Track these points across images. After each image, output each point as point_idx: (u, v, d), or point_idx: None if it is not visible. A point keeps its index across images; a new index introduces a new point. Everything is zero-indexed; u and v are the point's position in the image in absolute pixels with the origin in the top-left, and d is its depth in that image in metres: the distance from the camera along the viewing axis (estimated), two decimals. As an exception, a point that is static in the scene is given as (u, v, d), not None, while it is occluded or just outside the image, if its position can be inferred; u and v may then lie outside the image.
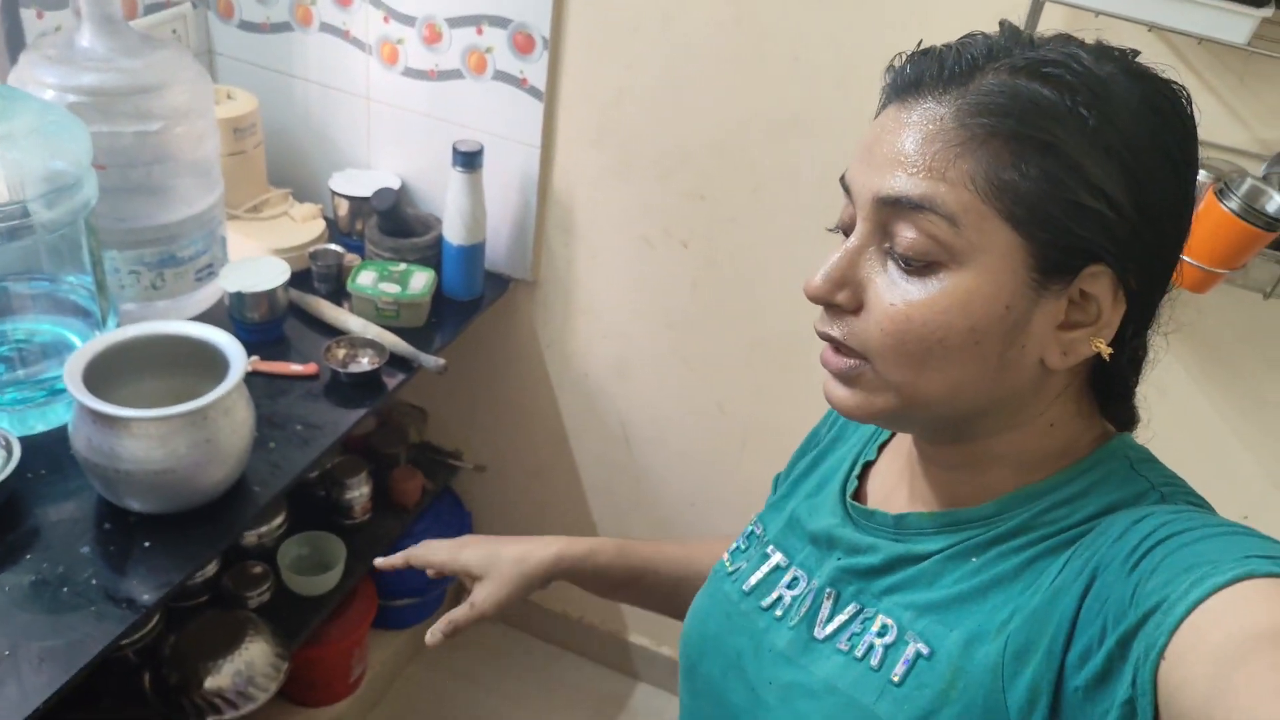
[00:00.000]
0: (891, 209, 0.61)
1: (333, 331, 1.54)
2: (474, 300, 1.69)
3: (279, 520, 1.70)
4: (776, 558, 0.79)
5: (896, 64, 0.64)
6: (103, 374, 1.18)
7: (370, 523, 1.81)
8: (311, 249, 1.61)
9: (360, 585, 1.83)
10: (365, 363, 1.48)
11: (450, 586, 2.10)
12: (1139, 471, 0.65)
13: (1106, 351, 0.61)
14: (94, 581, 1.11)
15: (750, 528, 0.86)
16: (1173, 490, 0.64)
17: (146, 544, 1.17)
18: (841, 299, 0.63)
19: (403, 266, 1.61)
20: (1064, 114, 0.57)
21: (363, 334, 1.52)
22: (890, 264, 0.62)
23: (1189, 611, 0.49)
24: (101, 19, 1.33)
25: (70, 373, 1.13)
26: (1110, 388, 0.67)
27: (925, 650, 0.65)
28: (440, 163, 1.61)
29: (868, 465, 0.80)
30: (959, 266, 0.59)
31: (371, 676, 1.95)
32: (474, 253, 1.64)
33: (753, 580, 0.79)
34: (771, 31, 1.38)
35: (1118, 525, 0.59)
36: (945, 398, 0.62)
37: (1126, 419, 0.69)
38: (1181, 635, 0.49)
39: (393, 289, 1.56)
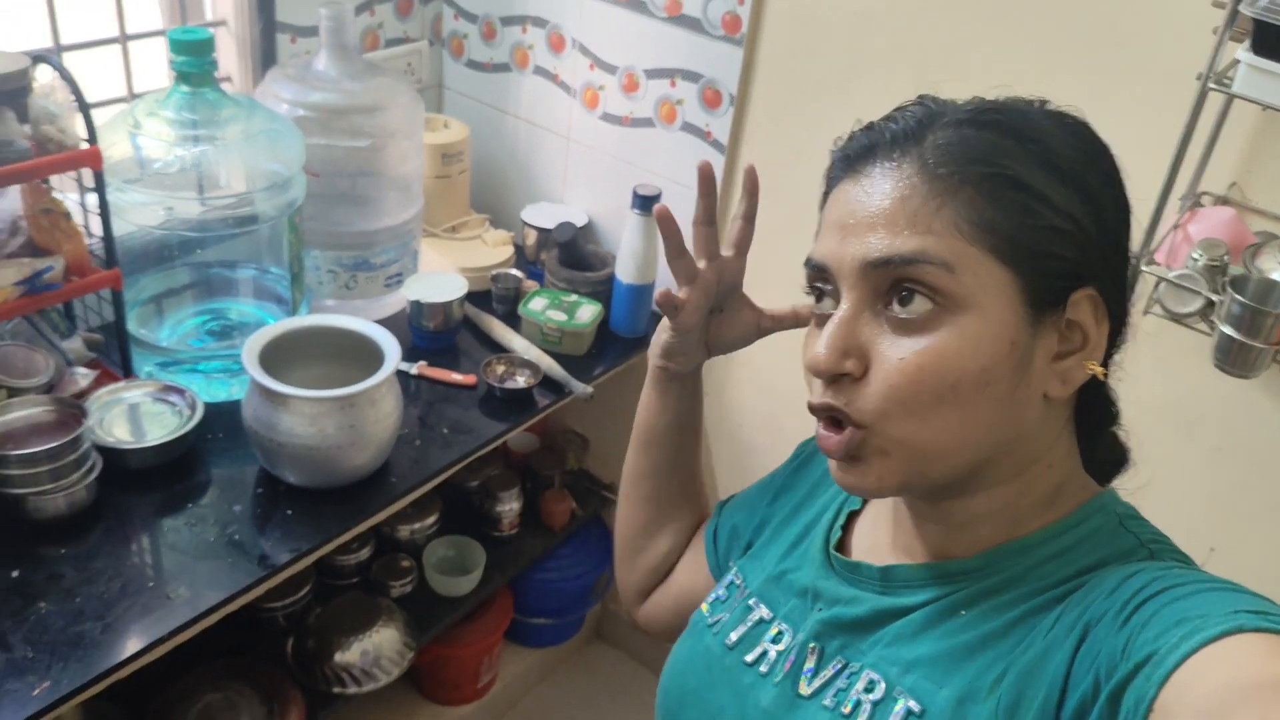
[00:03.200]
0: (883, 270, 0.61)
1: (498, 349, 1.64)
2: (638, 338, 1.74)
3: (431, 520, 1.81)
4: (760, 611, 0.77)
5: (839, 144, 0.68)
6: (279, 355, 1.31)
7: (516, 538, 1.89)
8: (494, 271, 1.73)
9: (498, 595, 1.91)
10: (520, 381, 1.57)
11: (590, 612, 2.15)
12: (1127, 528, 0.65)
13: (1101, 372, 0.63)
14: (237, 537, 1.24)
15: (729, 577, 0.84)
16: (1160, 547, 0.64)
17: (289, 512, 1.29)
18: (850, 366, 0.62)
19: (573, 297, 1.69)
20: (1016, 151, 0.61)
21: (524, 354, 1.60)
22: (888, 323, 0.62)
23: (1178, 664, 0.50)
24: (337, 47, 1.50)
25: (249, 350, 1.27)
26: (1097, 417, 0.69)
27: (916, 708, 0.63)
28: (623, 204, 1.69)
29: (852, 515, 0.79)
30: (959, 312, 0.60)
31: (501, 687, 2.02)
32: (642, 292, 1.70)
33: (735, 635, 0.77)
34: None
35: (1109, 580, 0.60)
36: (959, 446, 0.62)
37: (1117, 455, 0.71)
38: (1170, 688, 0.49)
39: (559, 317, 1.64)
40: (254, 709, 1.47)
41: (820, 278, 0.66)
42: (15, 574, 1.14)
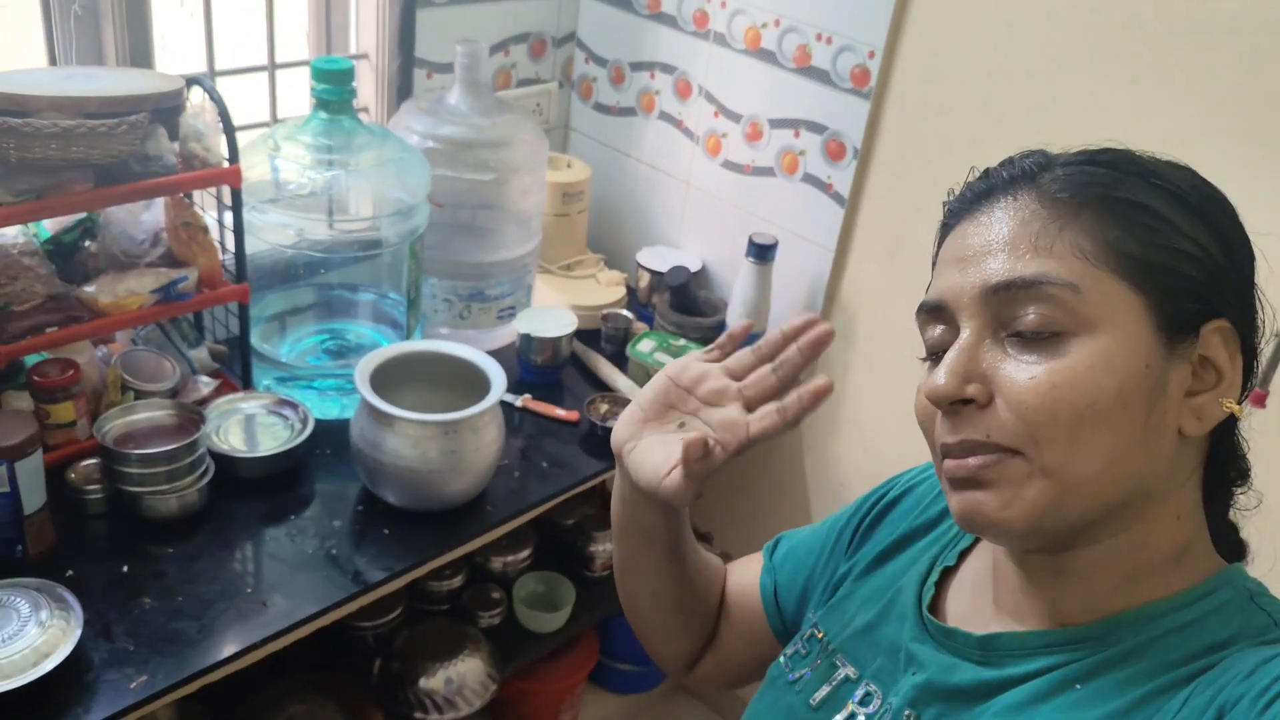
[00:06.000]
0: (1005, 295, 0.60)
1: (603, 388, 1.64)
2: (744, 387, 1.72)
3: (525, 554, 1.82)
4: (846, 670, 0.74)
5: (953, 194, 0.68)
6: (390, 378, 1.34)
7: (607, 579, 1.88)
8: (605, 311, 1.74)
9: (584, 636, 1.90)
10: (622, 421, 1.56)
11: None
12: (1259, 605, 0.62)
13: (1239, 410, 0.61)
14: (334, 551, 1.26)
15: (808, 629, 0.80)
16: None
17: (386, 531, 1.30)
18: (972, 391, 0.60)
19: (682, 342, 1.69)
20: (1135, 179, 0.61)
21: (627, 394, 1.60)
22: (1013, 348, 0.60)
23: None
24: (469, 83, 1.55)
25: (361, 370, 1.30)
26: (1225, 469, 0.66)
27: None
28: (738, 252, 1.68)
29: (946, 571, 0.75)
30: (1088, 333, 0.58)
31: (581, 729, 2.00)
32: (753, 340, 1.68)
33: (820, 695, 0.74)
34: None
35: (1246, 662, 0.56)
36: (1101, 475, 0.59)
37: (1235, 542, 0.69)
38: None
39: (666, 360, 1.64)
40: (337, 726, 1.48)
41: (936, 318, 0.64)
42: (125, 569, 1.19)
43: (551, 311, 1.65)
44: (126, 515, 1.25)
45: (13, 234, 1.24)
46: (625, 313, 1.74)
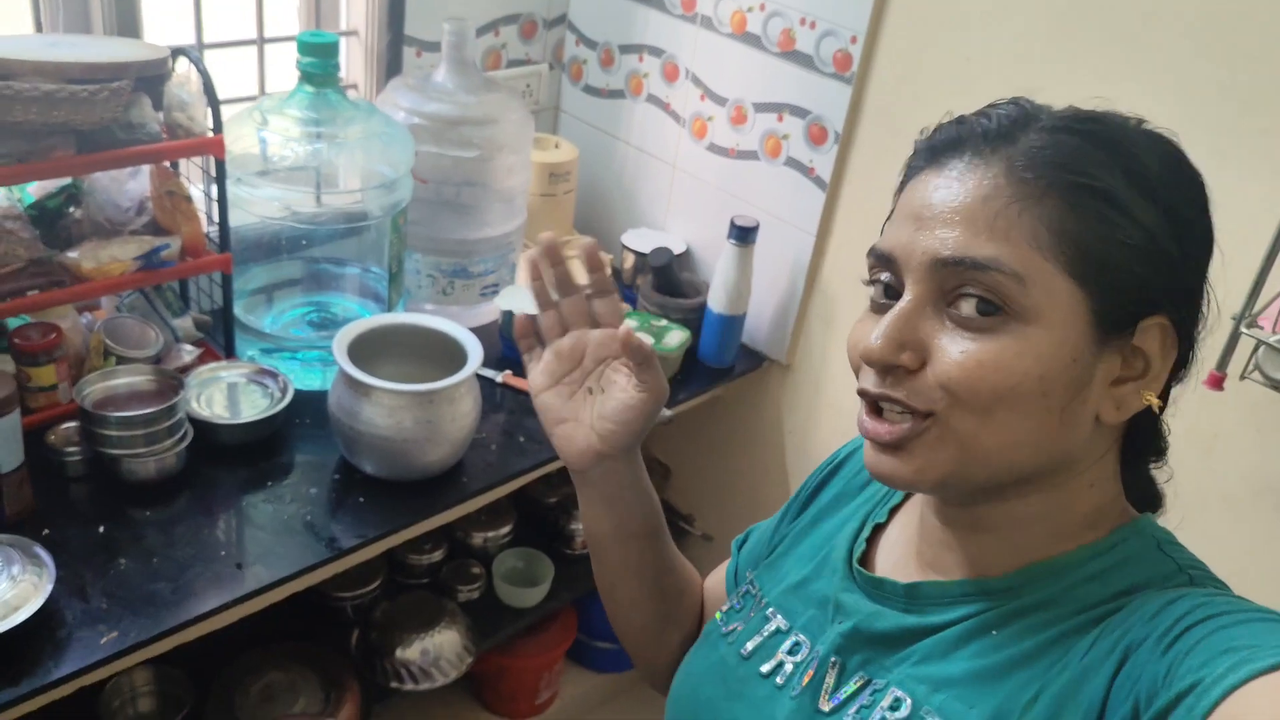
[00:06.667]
0: (953, 269, 0.60)
1: (584, 366, 1.66)
2: (725, 369, 1.74)
3: (505, 530, 1.84)
4: (777, 621, 0.76)
5: (925, 133, 0.66)
6: (369, 350, 1.36)
7: (587, 558, 1.89)
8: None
9: (563, 613, 1.92)
10: (601, 399, 1.58)
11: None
12: (1166, 552, 0.64)
13: (1157, 404, 0.62)
14: (309, 518, 1.28)
15: (744, 586, 0.82)
16: (1199, 574, 0.63)
17: (361, 499, 1.32)
18: (905, 359, 0.62)
19: (663, 322, 1.70)
20: (1106, 163, 0.60)
21: (608, 373, 1.62)
22: (950, 322, 0.61)
23: (1225, 695, 0.49)
24: (456, 61, 1.56)
25: (339, 340, 1.32)
26: (1143, 448, 0.67)
27: None
28: (722, 234, 1.69)
29: (877, 528, 0.77)
30: (1025, 322, 0.59)
31: (561, 706, 2.02)
32: (732, 323, 1.70)
33: (751, 645, 0.76)
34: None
35: (1151, 604, 0.59)
36: (1005, 451, 0.61)
37: (1152, 495, 0.70)
38: (1216, 718, 0.48)
39: (647, 340, 1.65)
40: (312, 693, 1.50)
41: (884, 267, 0.65)
42: (102, 530, 1.20)
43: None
44: (105, 478, 1.27)
45: (-4, 198, 1.26)
46: (608, 293, 1.75)
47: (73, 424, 1.28)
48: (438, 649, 1.64)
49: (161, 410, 1.24)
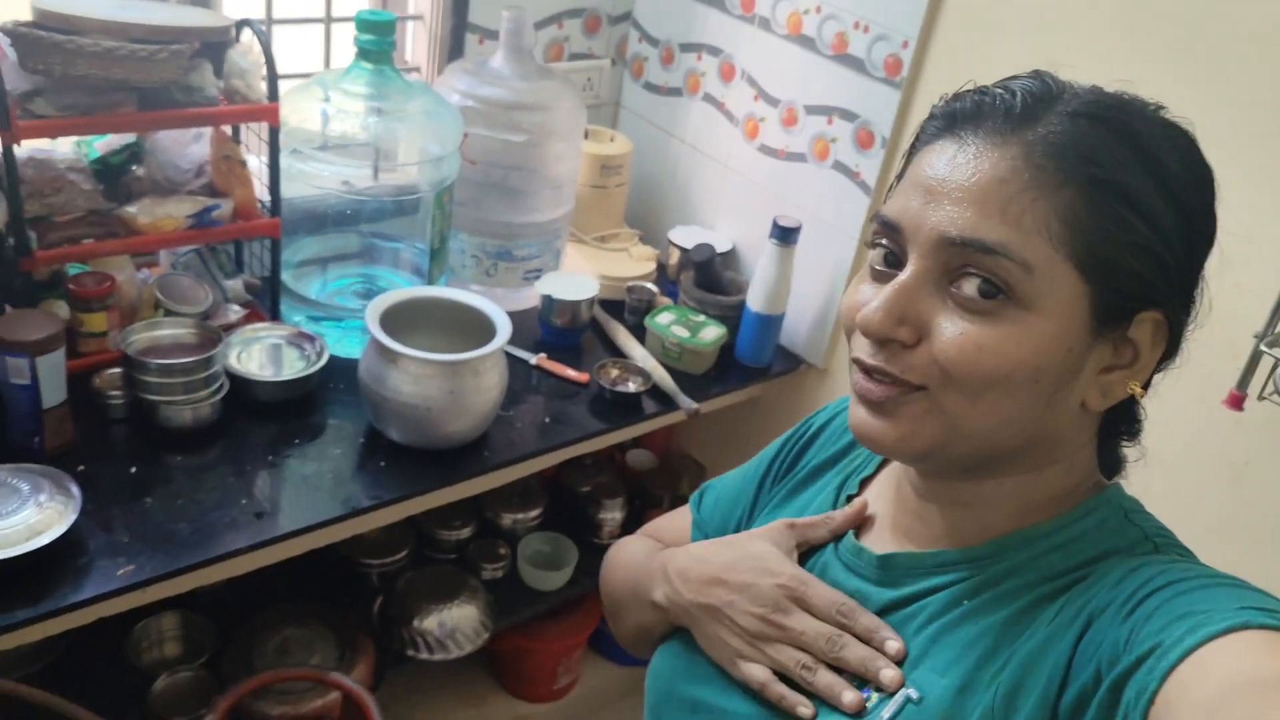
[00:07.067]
0: (960, 249, 0.59)
1: (618, 355, 1.68)
2: (761, 368, 1.74)
3: (535, 513, 1.86)
4: None
5: (944, 100, 0.66)
6: (405, 321, 1.39)
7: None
8: (630, 283, 1.77)
9: (586, 600, 1.93)
10: (631, 387, 1.60)
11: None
12: (1133, 520, 0.65)
13: (1141, 394, 0.63)
14: (330, 477, 1.32)
15: None
16: (1165, 541, 0.64)
17: (383, 464, 1.36)
18: (903, 335, 0.62)
19: (701, 318, 1.71)
20: (1128, 159, 0.59)
21: (639, 363, 1.64)
22: (951, 301, 0.61)
23: (1182, 658, 0.50)
24: (513, 48, 1.60)
25: (373, 308, 1.36)
26: (1119, 429, 0.68)
27: (915, 696, 0.64)
28: (766, 234, 1.70)
29: (850, 499, 0.78)
30: (1026, 310, 0.59)
31: (580, 694, 2.03)
32: (770, 323, 1.70)
33: None
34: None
35: (1114, 572, 0.60)
36: (991, 431, 0.62)
37: (1114, 463, 0.70)
38: (1173, 681, 0.50)
39: (683, 333, 1.67)
40: (328, 650, 1.55)
41: (889, 235, 0.64)
42: (133, 470, 1.26)
43: (575, 276, 1.69)
44: (144, 422, 1.33)
45: (64, 151, 1.33)
46: (650, 286, 1.77)
47: (118, 370, 1.34)
48: (455, 622, 1.67)
49: (199, 361, 1.30)
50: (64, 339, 1.20)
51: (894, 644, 0.66)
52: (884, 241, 0.64)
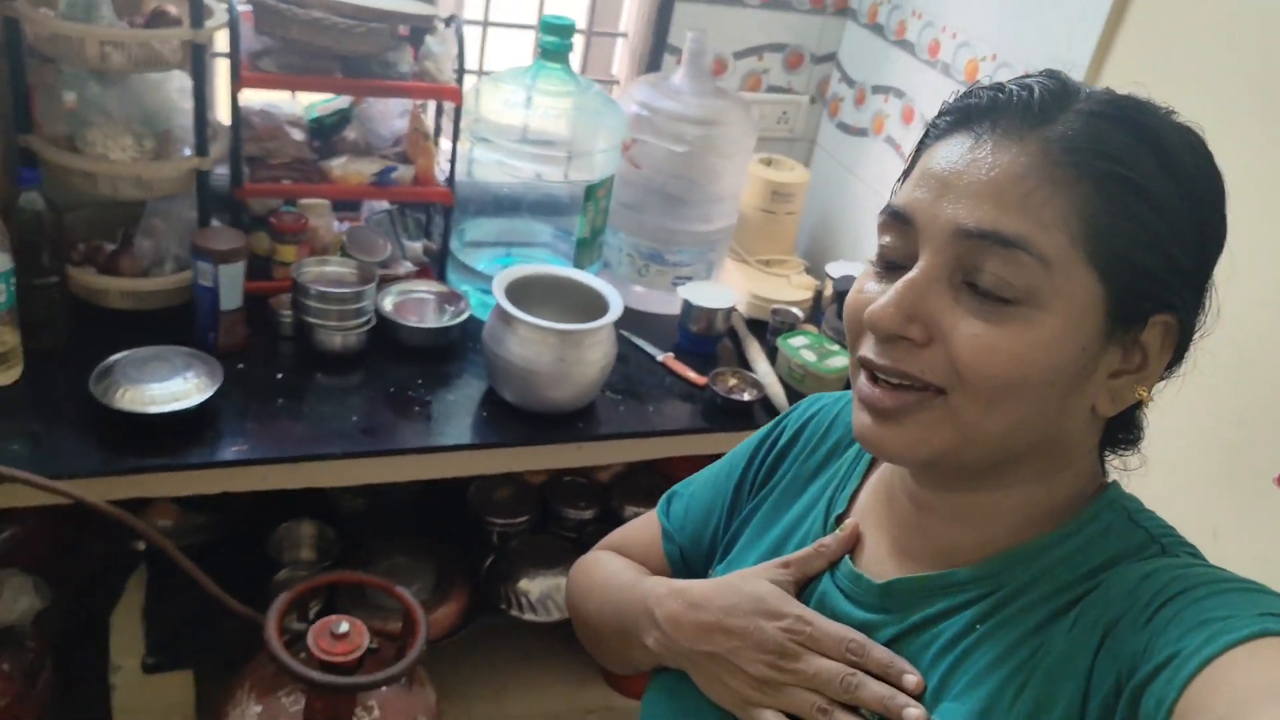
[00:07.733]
0: (977, 243, 0.58)
1: (747, 368, 1.73)
2: (890, 409, 1.73)
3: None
4: None
5: (956, 95, 0.65)
6: (535, 295, 1.52)
7: (727, 562, 1.94)
8: (775, 306, 1.82)
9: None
10: (745, 396, 1.64)
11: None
12: (1137, 521, 0.64)
13: (1149, 399, 0.62)
14: (438, 417, 1.47)
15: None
16: (1171, 540, 0.63)
17: (485, 415, 1.49)
18: (914, 333, 0.60)
19: (835, 348, 1.73)
20: (1147, 159, 0.58)
21: (763, 379, 1.68)
22: (964, 297, 0.59)
23: (1202, 667, 0.49)
24: (694, 69, 1.72)
25: (501, 278, 1.50)
26: (1121, 438, 0.67)
27: None
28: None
29: (839, 519, 0.75)
30: (1041, 309, 0.58)
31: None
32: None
33: None
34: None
35: (1128, 579, 0.59)
36: (1004, 436, 0.60)
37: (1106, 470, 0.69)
38: (1193, 690, 0.49)
39: (810, 357, 1.70)
40: (424, 583, 1.69)
41: (898, 227, 0.62)
42: (280, 376, 1.47)
43: (718, 287, 1.77)
44: (303, 342, 1.54)
45: (288, 107, 1.59)
46: (795, 310, 1.81)
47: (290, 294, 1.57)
48: (555, 590, 1.77)
49: (352, 293, 1.50)
50: (245, 254, 1.44)
51: (911, 678, 0.64)
52: (891, 235, 0.63)
